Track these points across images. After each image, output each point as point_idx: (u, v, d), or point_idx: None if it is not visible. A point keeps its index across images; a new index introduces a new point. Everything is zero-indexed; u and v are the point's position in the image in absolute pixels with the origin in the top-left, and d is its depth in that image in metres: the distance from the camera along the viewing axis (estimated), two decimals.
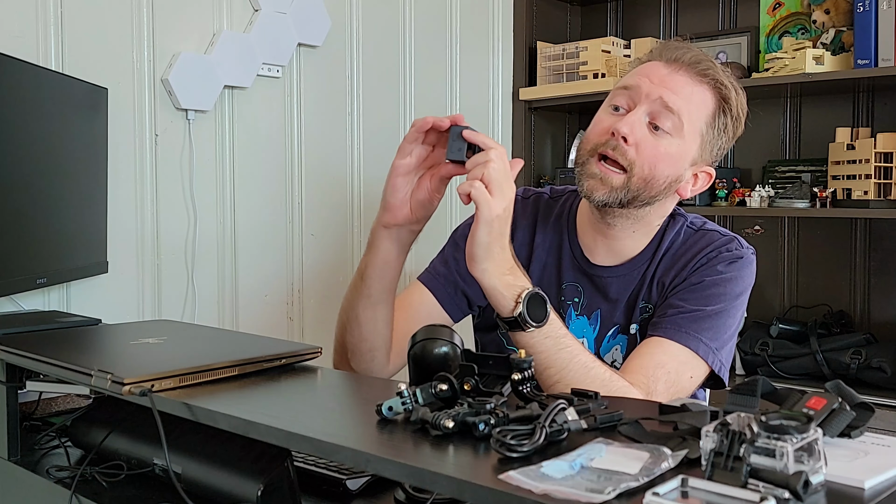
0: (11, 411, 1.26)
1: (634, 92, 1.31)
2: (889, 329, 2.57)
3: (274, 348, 1.14)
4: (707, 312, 1.28)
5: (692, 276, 1.32)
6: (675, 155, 1.31)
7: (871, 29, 2.36)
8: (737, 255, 1.33)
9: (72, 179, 1.75)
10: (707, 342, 1.26)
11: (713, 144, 1.35)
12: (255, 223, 2.26)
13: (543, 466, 0.69)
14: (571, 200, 1.48)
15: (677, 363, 1.25)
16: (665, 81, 1.30)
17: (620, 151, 1.29)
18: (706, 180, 1.38)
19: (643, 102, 1.30)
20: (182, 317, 2.09)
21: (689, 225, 1.40)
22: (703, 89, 1.32)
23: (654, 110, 1.30)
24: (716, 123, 1.33)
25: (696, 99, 1.31)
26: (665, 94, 1.29)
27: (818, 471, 0.66)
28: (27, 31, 1.80)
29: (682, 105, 1.29)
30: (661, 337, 1.26)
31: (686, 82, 1.31)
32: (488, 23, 2.92)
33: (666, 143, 1.30)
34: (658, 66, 1.33)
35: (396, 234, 1.24)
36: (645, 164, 1.29)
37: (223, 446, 1.01)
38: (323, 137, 2.41)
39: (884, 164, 2.40)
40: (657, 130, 1.30)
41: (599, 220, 1.37)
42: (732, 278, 1.31)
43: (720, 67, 1.35)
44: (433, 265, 1.48)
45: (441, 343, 0.97)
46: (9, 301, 1.73)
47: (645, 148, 1.29)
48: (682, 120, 1.29)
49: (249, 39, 2.18)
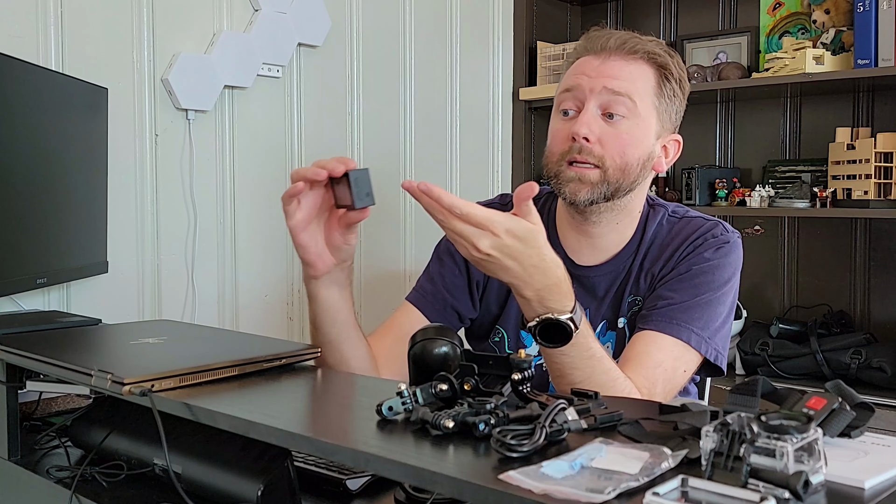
0: (11, 411, 1.26)
1: (578, 91, 1.33)
2: (889, 329, 2.57)
3: (274, 348, 1.14)
4: (697, 302, 1.28)
5: (679, 265, 1.33)
6: (638, 136, 1.32)
7: (871, 29, 2.36)
8: (722, 240, 1.34)
9: (72, 179, 1.75)
10: (699, 332, 1.27)
11: (669, 112, 1.36)
12: (255, 223, 2.26)
13: (543, 466, 0.69)
14: (550, 203, 1.48)
15: (672, 360, 1.25)
16: (602, 71, 1.32)
17: (587, 152, 1.30)
18: (676, 148, 1.40)
19: (589, 98, 1.31)
20: (182, 317, 2.09)
21: (671, 214, 1.40)
22: (639, 65, 1.33)
23: (603, 101, 1.31)
24: (664, 92, 1.34)
25: (637, 76, 1.32)
26: (606, 82, 1.31)
27: (818, 471, 0.66)
28: (27, 31, 1.80)
29: (626, 86, 1.31)
30: (653, 331, 1.27)
31: (621, 65, 1.32)
32: (488, 23, 2.92)
33: (626, 128, 1.31)
34: (589, 60, 1.34)
35: (328, 279, 1.21)
36: (615, 155, 1.30)
37: (223, 446, 1.01)
38: (323, 137, 2.41)
39: (884, 164, 2.40)
40: (613, 118, 1.31)
41: (583, 220, 1.37)
42: (720, 265, 1.32)
43: (646, 38, 1.36)
44: (420, 284, 1.47)
45: (441, 343, 0.97)
46: (9, 301, 1.73)
47: (608, 140, 1.30)
48: (634, 100, 1.31)
49: (249, 39, 2.18)
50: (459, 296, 1.45)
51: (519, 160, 3.00)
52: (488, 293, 1.46)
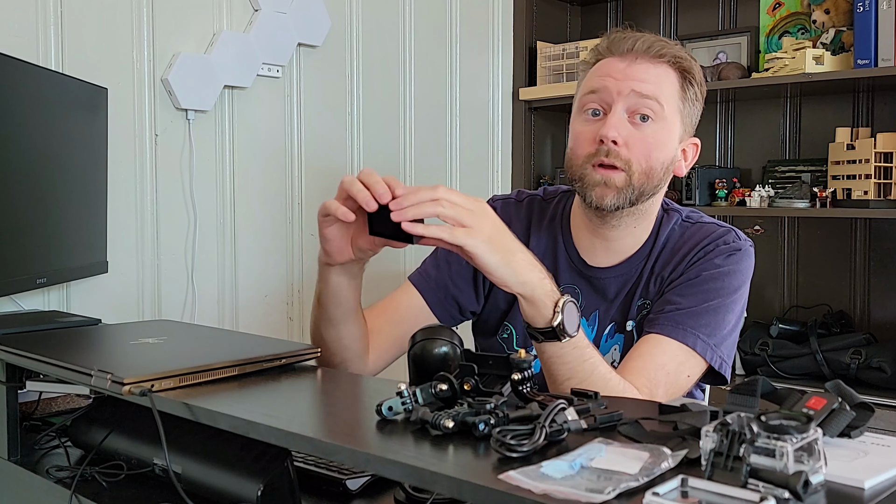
0: (11, 411, 1.26)
1: (604, 93, 1.31)
2: (889, 329, 2.57)
3: (274, 348, 1.14)
4: (705, 308, 1.27)
5: (689, 270, 1.32)
6: (664, 139, 1.32)
7: (871, 29, 2.36)
8: (734, 247, 1.32)
9: (72, 179, 1.75)
10: (705, 338, 1.26)
11: (691, 115, 1.37)
12: (255, 223, 2.26)
13: (543, 466, 0.69)
14: (565, 202, 1.47)
15: (676, 364, 1.24)
16: (628, 74, 1.31)
17: (614, 154, 1.29)
18: (694, 151, 1.40)
19: (617, 100, 1.30)
20: (182, 317, 2.09)
21: (685, 219, 1.39)
22: (664, 69, 1.33)
23: (631, 104, 1.30)
24: (687, 96, 1.35)
25: (663, 80, 1.32)
26: (634, 84, 1.30)
27: (818, 471, 0.66)
28: (27, 31, 1.80)
29: (654, 89, 1.30)
30: (658, 334, 1.26)
31: (648, 68, 1.32)
32: (488, 23, 2.92)
33: (652, 131, 1.30)
34: (614, 62, 1.33)
35: (342, 269, 1.21)
36: (641, 159, 1.29)
37: (223, 446, 1.01)
38: (323, 137, 2.41)
39: (884, 164, 2.40)
40: (642, 121, 1.30)
41: (601, 224, 1.36)
42: (730, 272, 1.30)
43: (670, 42, 1.36)
44: (425, 266, 1.46)
45: (441, 343, 0.97)
46: (9, 301, 1.73)
47: (635, 143, 1.29)
48: (661, 103, 1.30)
49: (249, 39, 2.18)
50: (463, 286, 1.44)
51: (519, 160, 3.00)
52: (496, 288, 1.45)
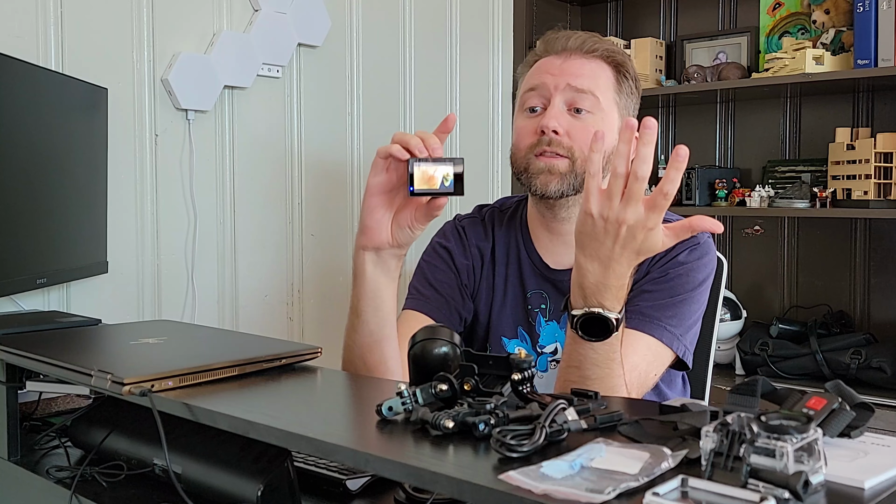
0: (11, 411, 1.26)
1: (543, 89, 1.38)
2: (889, 329, 2.57)
3: (274, 348, 1.14)
4: (672, 301, 1.30)
5: (654, 268, 1.34)
6: (603, 129, 1.33)
7: (871, 29, 2.36)
8: (693, 242, 1.35)
9: (72, 179, 1.75)
10: (671, 329, 1.29)
11: (627, 108, 1.42)
12: (255, 223, 2.26)
13: (543, 466, 0.69)
14: (522, 208, 1.50)
15: (646, 364, 1.26)
16: (564, 70, 1.37)
17: (556, 143, 1.34)
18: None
19: (555, 94, 1.36)
20: (182, 317, 2.09)
21: None
22: (598, 64, 1.39)
23: (568, 97, 1.36)
24: (623, 88, 1.40)
25: (598, 74, 1.38)
26: (570, 79, 1.36)
27: (818, 471, 0.66)
28: (27, 31, 1.80)
29: (589, 83, 1.36)
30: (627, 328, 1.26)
31: (582, 63, 1.38)
32: (488, 23, 2.92)
33: (591, 121, 1.35)
34: (551, 60, 1.40)
35: (378, 258, 1.22)
36: (584, 146, 1.33)
37: (223, 446, 1.01)
38: (323, 137, 2.41)
39: (884, 164, 2.40)
40: (579, 113, 1.36)
41: (553, 218, 1.40)
42: (694, 267, 1.34)
43: (603, 38, 1.42)
44: (416, 290, 1.47)
45: (441, 343, 0.97)
46: (9, 301, 1.73)
47: (576, 132, 1.35)
48: (597, 95, 1.36)
49: (249, 39, 2.18)
50: (457, 297, 1.47)
51: None
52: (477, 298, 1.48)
